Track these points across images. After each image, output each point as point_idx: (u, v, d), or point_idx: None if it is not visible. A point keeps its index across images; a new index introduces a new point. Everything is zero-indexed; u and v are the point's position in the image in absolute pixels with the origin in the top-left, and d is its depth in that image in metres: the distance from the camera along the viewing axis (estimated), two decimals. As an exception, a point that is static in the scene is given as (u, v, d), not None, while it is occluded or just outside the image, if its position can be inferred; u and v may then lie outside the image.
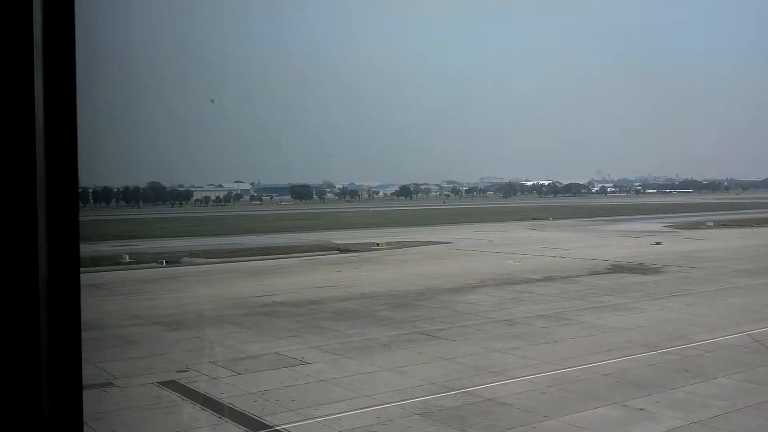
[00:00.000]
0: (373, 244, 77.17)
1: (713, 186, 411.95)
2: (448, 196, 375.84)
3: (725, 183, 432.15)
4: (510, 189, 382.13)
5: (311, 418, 18.77)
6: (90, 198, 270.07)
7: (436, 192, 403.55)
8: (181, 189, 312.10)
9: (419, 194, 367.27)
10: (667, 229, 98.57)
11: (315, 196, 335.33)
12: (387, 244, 77.34)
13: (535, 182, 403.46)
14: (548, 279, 46.42)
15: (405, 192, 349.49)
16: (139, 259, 64.09)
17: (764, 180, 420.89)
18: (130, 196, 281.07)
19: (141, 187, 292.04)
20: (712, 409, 18.78)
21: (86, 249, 76.91)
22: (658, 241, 75.14)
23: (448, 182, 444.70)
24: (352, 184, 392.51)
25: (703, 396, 19.99)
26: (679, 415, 18.38)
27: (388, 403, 19.84)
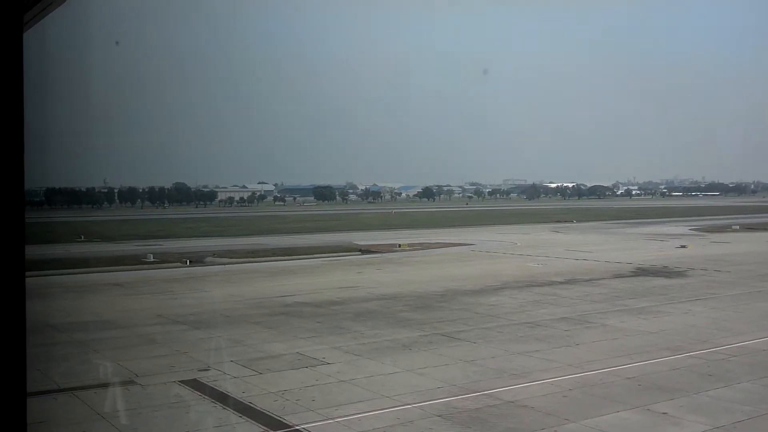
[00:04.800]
0: (395, 245, 77.12)
1: (740, 189, 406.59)
2: (470, 197, 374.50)
3: (752, 186, 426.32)
4: (533, 191, 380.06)
5: (331, 418, 18.76)
6: (116, 198, 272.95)
7: (458, 194, 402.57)
8: (205, 190, 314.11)
9: (442, 196, 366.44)
10: (692, 232, 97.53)
11: (338, 197, 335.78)
12: (409, 245, 77.24)
13: (559, 184, 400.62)
14: (571, 282, 46.09)
15: (427, 193, 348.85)
16: (163, 259, 64.54)
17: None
18: (156, 196, 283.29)
19: (166, 187, 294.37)
20: (737, 414, 18.50)
21: (111, 248, 77.67)
22: (683, 244, 74.35)
23: (471, 184, 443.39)
24: (374, 185, 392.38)
25: (728, 401, 19.71)
26: (703, 419, 18.14)
27: (408, 404, 19.78)
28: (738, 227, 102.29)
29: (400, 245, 76.49)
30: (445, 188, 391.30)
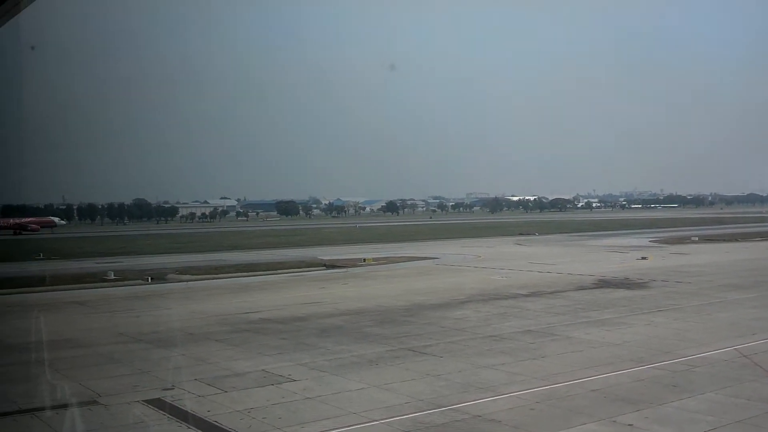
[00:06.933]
0: (359, 259, 77.02)
1: (698, 201, 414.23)
2: (434, 211, 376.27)
3: (709, 198, 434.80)
4: (496, 204, 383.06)
5: (298, 436, 18.57)
6: (75, 215, 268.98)
7: (422, 207, 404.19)
8: (166, 205, 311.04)
9: (406, 210, 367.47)
10: (652, 243, 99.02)
11: (301, 212, 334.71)
12: (374, 259, 77.21)
13: (520, 197, 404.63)
14: (535, 294, 46.39)
15: (391, 207, 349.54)
16: (124, 276, 63.65)
17: (748, 195, 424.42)
18: (115, 212, 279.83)
19: (126, 203, 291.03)
20: (701, 424, 18.69)
21: (70, 266, 76.30)
22: (644, 255, 75.39)
23: (435, 197, 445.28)
24: (338, 200, 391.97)
25: (692, 411, 19.92)
26: (668, 430, 18.30)
27: (375, 421, 19.65)
28: (697, 238, 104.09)
29: (364, 260, 76.41)
30: (409, 202, 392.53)
